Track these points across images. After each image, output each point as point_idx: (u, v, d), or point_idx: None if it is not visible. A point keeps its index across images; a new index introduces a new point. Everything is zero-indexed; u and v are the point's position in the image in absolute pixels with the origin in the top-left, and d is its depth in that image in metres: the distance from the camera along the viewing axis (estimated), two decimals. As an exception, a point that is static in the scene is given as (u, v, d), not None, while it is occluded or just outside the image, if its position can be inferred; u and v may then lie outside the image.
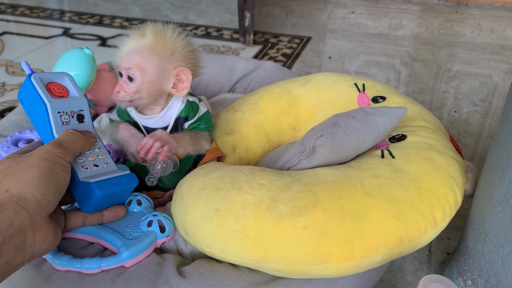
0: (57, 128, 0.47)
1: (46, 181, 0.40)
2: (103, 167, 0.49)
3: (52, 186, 0.40)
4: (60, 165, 0.42)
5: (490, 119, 1.02)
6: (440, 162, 0.53)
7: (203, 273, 0.47)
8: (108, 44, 1.46)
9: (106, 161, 0.50)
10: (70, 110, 0.49)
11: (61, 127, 0.48)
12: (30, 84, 0.48)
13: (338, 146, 0.54)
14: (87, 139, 0.48)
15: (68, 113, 0.49)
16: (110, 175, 0.48)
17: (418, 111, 0.65)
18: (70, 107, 0.49)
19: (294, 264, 0.45)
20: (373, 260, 0.46)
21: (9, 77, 1.20)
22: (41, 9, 1.81)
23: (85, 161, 0.48)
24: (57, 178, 0.41)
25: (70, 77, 0.51)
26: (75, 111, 0.49)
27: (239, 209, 0.47)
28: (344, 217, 0.46)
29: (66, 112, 0.48)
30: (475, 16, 1.75)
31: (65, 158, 0.43)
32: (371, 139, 0.55)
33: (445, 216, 0.50)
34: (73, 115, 0.49)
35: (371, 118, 0.55)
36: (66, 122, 0.48)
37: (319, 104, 0.70)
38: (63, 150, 0.43)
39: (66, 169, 0.43)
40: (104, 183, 0.47)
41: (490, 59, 1.35)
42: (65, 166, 0.42)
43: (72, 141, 0.45)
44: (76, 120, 0.49)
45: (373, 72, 1.27)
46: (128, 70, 0.54)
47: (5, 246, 0.36)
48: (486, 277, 0.48)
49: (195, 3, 1.90)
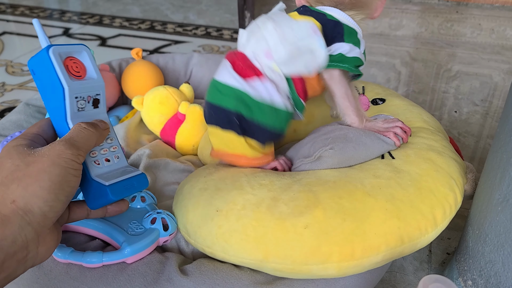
0: (72, 114, 0.42)
1: (55, 192, 0.37)
2: (114, 162, 0.45)
3: (61, 196, 0.37)
4: (72, 169, 0.38)
5: (490, 119, 1.02)
6: (440, 162, 0.53)
7: (205, 272, 0.47)
8: (108, 44, 1.46)
9: (117, 155, 0.46)
10: (87, 95, 0.43)
11: (77, 113, 0.43)
12: (48, 59, 0.41)
13: (345, 159, 0.53)
14: (100, 133, 0.43)
15: (85, 98, 0.43)
16: (123, 176, 0.44)
17: (417, 112, 0.65)
18: (87, 91, 0.43)
19: (295, 263, 0.45)
20: (374, 260, 0.46)
21: (9, 77, 1.20)
22: (41, 9, 1.81)
23: (98, 155, 0.44)
24: (67, 186, 0.38)
25: (88, 52, 0.45)
26: (92, 96, 0.44)
27: (240, 209, 0.47)
28: (344, 216, 0.46)
29: (83, 97, 0.43)
30: (475, 16, 1.75)
31: (77, 160, 0.39)
32: (378, 153, 0.55)
33: (445, 216, 0.50)
34: (89, 100, 0.44)
35: (381, 138, 0.54)
36: (82, 108, 0.43)
37: (319, 106, 0.70)
38: (76, 150, 0.39)
39: (77, 173, 0.39)
40: (118, 187, 0.43)
41: (491, 59, 1.35)
42: (76, 170, 0.39)
43: (85, 138, 0.41)
44: (91, 105, 0.44)
45: (373, 72, 1.27)
46: None
47: (6, 262, 0.34)
48: (486, 277, 0.48)
49: (195, 3, 1.90)
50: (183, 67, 0.93)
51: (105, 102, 0.45)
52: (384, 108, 0.66)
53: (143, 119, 0.79)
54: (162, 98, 0.75)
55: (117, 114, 0.83)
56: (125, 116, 0.82)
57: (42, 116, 0.76)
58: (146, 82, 0.83)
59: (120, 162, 0.46)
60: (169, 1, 1.91)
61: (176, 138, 0.73)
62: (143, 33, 1.57)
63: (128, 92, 0.85)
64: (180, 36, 1.54)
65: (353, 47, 0.54)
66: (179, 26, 1.63)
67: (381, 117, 0.58)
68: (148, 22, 1.67)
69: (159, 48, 1.43)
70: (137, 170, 0.47)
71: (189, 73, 0.94)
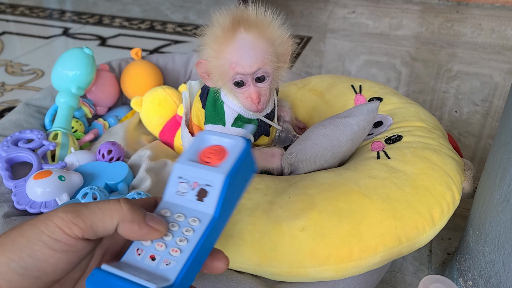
0: (169, 194, 0.34)
1: (8, 256, 0.26)
2: (158, 265, 0.30)
3: (13, 264, 0.26)
4: (46, 237, 0.27)
5: (490, 119, 1.02)
6: (436, 160, 0.53)
7: (206, 276, 0.47)
8: (108, 44, 1.46)
9: (172, 261, 0.30)
10: (194, 180, 0.33)
11: (173, 195, 0.34)
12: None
13: (313, 158, 0.54)
14: (139, 224, 0.29)
15: (190, 183, 0.33)
16: (135, 278, 0.28)
17: (414, 111, 0.65)
18: (197, 176, 0.33)
19: (292, 267, 0.45)
20: (372, 261, 0.45)
21: (9, 77, 1.20)
22: (41, 9, 1.81)
23: (148, 246, 0.31)
24: (28, 256, 0.26)
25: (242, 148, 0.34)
26: (201, 184, 0.33)
27: (236, 214, 0.47)
28: (340, 218, 0.45)
29: (188, 181, 0.33)
30: (476, 16, 1.74)
31: (65, 229, 0.27)
32: (347, 140, 0.54)
33: (443, 214, 0.50)
34: (194, 187, 0.33)
35: (342, 121, 0.55)
36: (182, 193, 0.33)
37: (317, 107, 0.70)
38: (73, 217, 0.28)
39: (56, 245, 0.27)
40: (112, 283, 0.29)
41: (491, 59, 1.35)
42: (56, 241, 0.27)
43: (101, 213, 0.29)
44: (195, 195, 0.33)
45: (373, 72, 1.27)
46: (257, 71, 0.49)
47: None
48: (486, 277, 0.48)
49: (195, 3, 1.90)
50: (183, 67, 0.93)
51: (221, 205, 0.32)
52: (381, 107, 0.66)
53: (142, 120, 0.79)
54: (160, 100, 0.75)
55: (116, 114, 0.83)
56: (125, 116, 0.82)
57: (42, 116, 0.75)
58: (145, 82, 0.83)
59: (164, 270, 0.30)
60: (169, 1, 1.91)
61: (175, 140, 0.73)
62: (143, 33, 1.57)
63: (127, 92, 0.85)
64: (180, 36, 1.54)
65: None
66: (179, 26, 1.63)
67: (353, 127, 0.57)
68: (148, 22, 1.67)
69: (159, 48, 1.43)
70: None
71: (189, 73, 0.94)
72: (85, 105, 0.77)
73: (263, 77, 0.49)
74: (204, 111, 0.56)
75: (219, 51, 0.49)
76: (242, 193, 0.35)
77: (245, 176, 0.35)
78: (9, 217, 0.53)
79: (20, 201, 0.56)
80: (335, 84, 0.71)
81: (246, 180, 0.36)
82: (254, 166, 0.36)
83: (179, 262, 0.30)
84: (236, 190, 0.34)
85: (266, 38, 0.48)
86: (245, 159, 0.34)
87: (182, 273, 0.30)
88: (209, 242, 0.32)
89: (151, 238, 0.31)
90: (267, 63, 0.48)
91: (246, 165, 0.34)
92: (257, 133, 0.56)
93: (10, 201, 0.57)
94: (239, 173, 0.33)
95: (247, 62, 0.47)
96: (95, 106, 0.81)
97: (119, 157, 0.65)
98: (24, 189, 0.57)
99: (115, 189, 0.61)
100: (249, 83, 0.49)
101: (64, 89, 0.74)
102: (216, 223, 0.33)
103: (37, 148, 0.65)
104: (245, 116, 0.54)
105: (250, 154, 0.35)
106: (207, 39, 0.51)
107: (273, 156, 0.56)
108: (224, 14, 0.49)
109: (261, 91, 0.50)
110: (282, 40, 0.50)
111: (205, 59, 0.52)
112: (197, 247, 0.31)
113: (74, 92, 0.73)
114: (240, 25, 0.47)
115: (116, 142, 0.67)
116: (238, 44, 0.47)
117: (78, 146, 0.70)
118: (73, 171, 0.60)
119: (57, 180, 0.56)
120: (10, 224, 0.52)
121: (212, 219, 0.32)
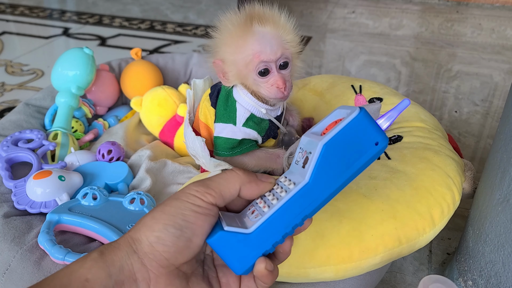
0: (292, 165, 0.37)
1: (163, 222, 0.34)
2: (252, 217, 0.35)
3: (170, 228, 0.33)
4: (191, 204, 0.34)
5: (490, 119, 1.02)
6: (437, 161, 0.53)
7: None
8: (107, 44, 1.46)
9: (260, 214, 0.35)
10: (305, 149, 0.36)
11: (293, 165, 0.37)
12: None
13: None
14: (253, 181, 0.37)
15: (302, 152, 0.36)
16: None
17: (414, 111, 0.65)
18: (307, 146, 0.36)
19: (292, 267, 0.45)
20: (372, 261, 0.45)
21: (9, 77, 1.20)
22: (41, 9, 1.81)
23: (257, 205, 0.36)
24: (181, 219, 0.34)
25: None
26: (307, 151, 0.36)
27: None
28: (340, 218, 0.45)
29: (302, 151, 0.36)
30: (476, 16, 1.74)
31: (202, 197, 0.35)
32: None
33: (443, 215, 0.50)
34: (303, 155, 0.36)
35: None
36: (297, 162, 0.36)
37: (317, 108, 0.70)
38: (204, 188, 0.35)
39: (199, 209, 0.34)
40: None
41: (491, 59, 1.35)
42: (198, 207, 0.34)
43: (222, 179, 0.36)
44: (302, 163, 0.35)
45: (373, 72, 1.27)
46: (280, 57, 0.51)
47: None
48: (486, 277, 0.48)
49: (195, 3, 1.90)
50: (183, 67, 0.93)
51: (315, 172, 0.33)
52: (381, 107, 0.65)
53: (142, 120, 0.79)
54: (160, 100, 0.75)
55: (116, 114, 0.83)
56: (125, 116, 0.82)
57: (42, 116, 0.75)
58: (145, 82, 0.83)
59: (252, 221, 0.35)
60: (169, 1, 1.91)
61: (174, 140, 0.73)
62: (143, 33, 1.57)
63: (127, 92, 0.85)
64: (180, 36, 1.54)
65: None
66: (179, 26, 1.63)
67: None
68: (148, 22, 1.67)
69: (158, 48, 1.43)
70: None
71: (189, 73, 0.94)
72: (85, 105, 0.77)
73: (286, 63, 0.52)
74: (212, 109, 0.57)
75: (238, 46, 0.51)
76: (355, 168, 0.34)
77: (357, 148, 0.33)
78: (9, 217, 0.53)
79: (20, 201, 0.56)
80: (335, 84, 0.71)
81: (362, 154, 0.33)
82: (377, 137, 0.33)
83: (263, 217, 0.34)
84: (341, 161, 0.33)
85: (280, 29, 0.51)
86: (355, 129, 0.32)
87: (261, 226, 0.33)
88: (300, 207, 0.34)
89: (267, 190, 0.37)
90: (288, 49, 0.51)
91: (358, 136, 0.33)
92: (266, 135, 0.57)
93: (10, 201, 0.57)
94: (343, 143, 0.33)
95: (271, 49, 0.50)
96: (95, 106, 0.81)
97: (119, 157, 0.65)
98: (24, 189, 0.57)
99: (115, 189, 0.61)
100: (274, 70, 0.52)
101: (64, 89, 0.73)
102: (309, 190, 0.34)
103: (37, 148, 0.65)
104: (258, 116, 0.55)
105: (366, 125, 0.33)
106: (221, 39, 0.53)
107: (278, 157, 0.56)
108: (233, 14, 0.52)
109: (285, 77, 0.52)
110: (291, 30, 0.53)
111: (219, 59, 0.53)
112: (282, 206, 0.33)
113: (74, 92, 0.73)
114: (254, 20, 0.50)
115: (116, 142, 0.67)
116: (258, 36, 0.50)
117: (78, 146, 0.70)
118: (73, 171, 0.60)
119: (57, 180, 0.56)
120: (10, 224, 0.52)
121: (306, 184, 0.33)
